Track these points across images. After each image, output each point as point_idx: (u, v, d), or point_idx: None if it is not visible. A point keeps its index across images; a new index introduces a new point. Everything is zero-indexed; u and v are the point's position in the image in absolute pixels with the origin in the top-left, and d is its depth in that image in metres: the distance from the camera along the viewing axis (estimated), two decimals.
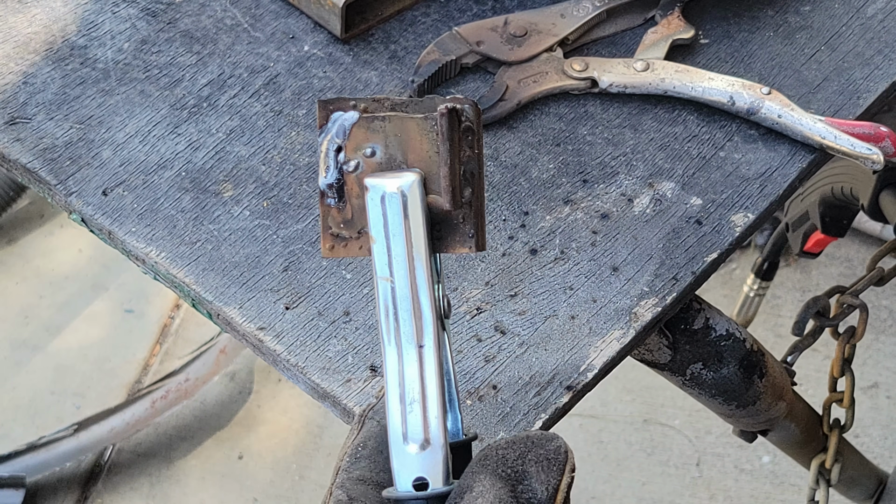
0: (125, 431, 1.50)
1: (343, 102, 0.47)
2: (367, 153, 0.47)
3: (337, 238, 0.48)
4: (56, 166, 0.70)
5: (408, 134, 0.47)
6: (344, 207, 0.48)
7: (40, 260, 1.70)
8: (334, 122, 0.47)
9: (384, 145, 0.47)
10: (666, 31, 0.76)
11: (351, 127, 0.47)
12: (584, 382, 0.64)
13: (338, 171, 0.47)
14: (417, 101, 0.47)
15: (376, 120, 0.47)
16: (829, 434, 0.97)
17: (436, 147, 0.46)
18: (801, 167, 0.73)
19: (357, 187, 0.47)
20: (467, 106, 0.47)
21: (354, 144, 0.47)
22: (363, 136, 0.47)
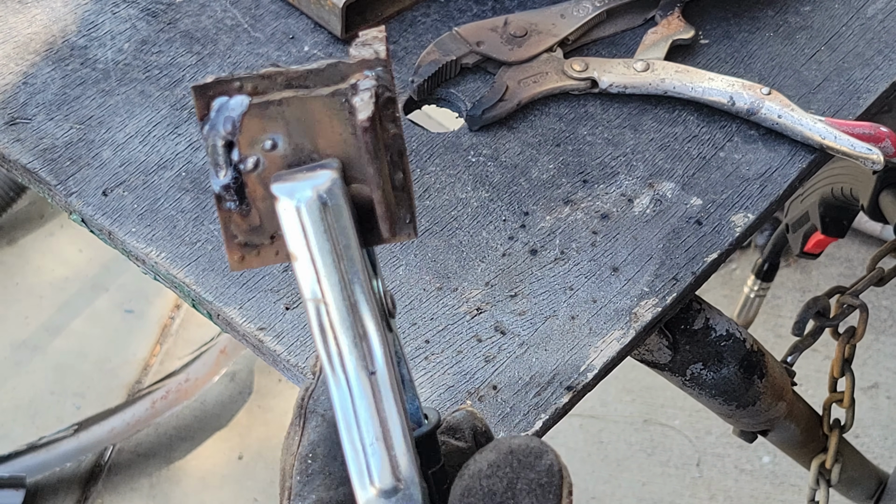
0: (125, 432, 1.49)
1: (225, 85, 0.39)
2: (266, 146, 0.39)
3: (246, 247, 0.40)
4: (56, 167, 0.70)
5: (313, 116, 0.39)
6: (248, 212, 0.40)
7: (40, 260, 1.70)
8: (218, 112, 0.39)
9: (286, 134, 0.39)
10: (666, 32, 0.76)
11: (241, 117, 0.39)
12: (584, 383, 0.64)
13: (233, 170, 0.39)
14: (318, 71, 0.39)
15: (271, 105, 0.38)
16: (829, 434, 0.96)
17: (351, 128, 0.38)
18: (801, 167, 0.73)
19: (261, 188, 0.39)
20: (380, 69, 0.39)
21: (249, 137, 0.39)
22: (258, 126, 0.39)
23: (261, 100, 0.38)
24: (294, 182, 0.37)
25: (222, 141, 0.39)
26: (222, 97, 0.39)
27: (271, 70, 0.39)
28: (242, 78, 0.39)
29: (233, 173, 0.39)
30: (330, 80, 0.39)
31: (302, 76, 0.39)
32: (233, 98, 0.39)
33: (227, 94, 0.39)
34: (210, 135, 0.39)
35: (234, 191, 0.39)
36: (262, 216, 0.39)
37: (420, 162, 0.72)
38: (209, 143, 0.39)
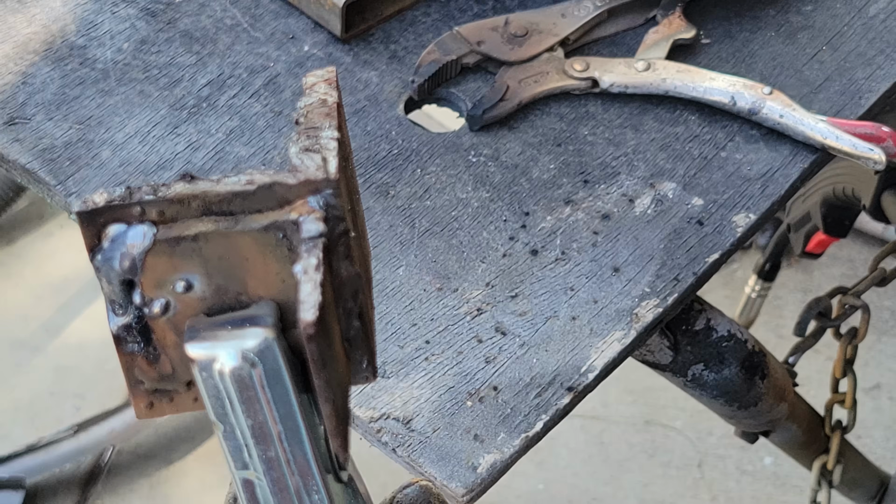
0: (125, 433, 1.49)
1: (120, 211, 0.31)
2: (178, 288, 0.31)
3: (156, 393, 0.33)
4: (55, 167, 0.70)
5: (240, 253, 0.31)
6: (157, 358, 0.33)
7: (39, 261, 1.69)
8: (114, 245, 0.31)
9: (205, 275, 0.31)
10: (667, 31, 0.76)
11: (143, 255, 0.31)
12: (585, 383, 0.63)
13: (135, 311, 0.32)
14: (246, 195, 0.30)
15: (184, 241, 0.30)
16: (831, 435, 0.96)
17: (289, 267, 0.30)
18: (802, 167, 0.72)
19: (173, 334, 0.32)
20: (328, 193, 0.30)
21: (155, 278, 0.31)
22: (167, 265, 0.31)
23: (169, 234, 0.30)
24: (215, 342, 0.30)
25: (120, 279, 0.31)
26: (119, 224, 0.31)
27: (183, 191, 0.31)
28: (145, 202, 0.31)
29: (134, 315, 0.32)
30: (263, 205, 0.30)
31: (225, 200, 0.31)
32: (132, 228, 0.31)
33: (125, 220, 0.31)
34: (104, 268, 0.31)
35: (138, 332, 0.32)
36: (174, 364, 0.32)
37: (420, 162, 0.71)
38: (102, 277, 0.31)
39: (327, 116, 0.32)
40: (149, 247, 0.31)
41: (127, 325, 0.32)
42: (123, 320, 0.32)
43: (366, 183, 0.70)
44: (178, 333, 0.32)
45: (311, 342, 0.28)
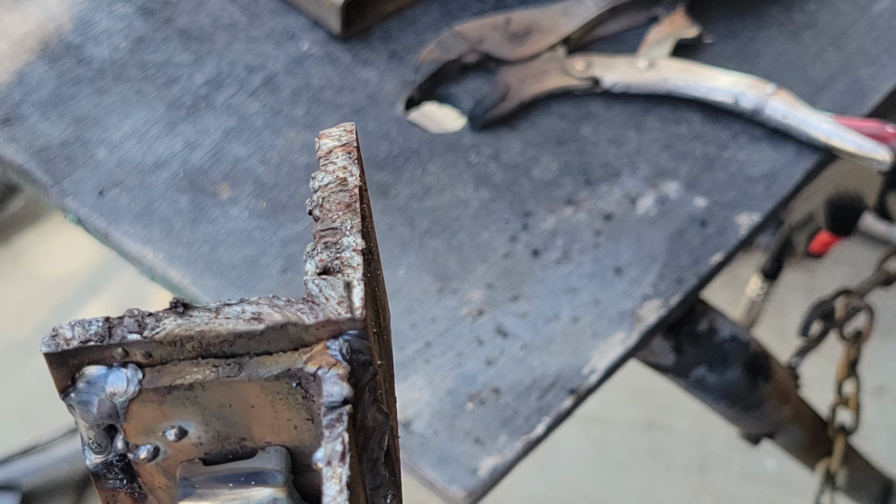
0: None
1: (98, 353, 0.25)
2: (170, 436, 0.27)
3: None
4: (51, 167, 0.69)
5: (245, 401, 0.26)
6: (144, 498, 0.28)
7: (35, 261, 1.69)
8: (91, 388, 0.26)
9: (202, 421, 0.26)
10: (670, 29, 0.75)
11: (126, 404, 0.26)
12: (586, 385, 0.63)
13: (116, 454, 0.28)
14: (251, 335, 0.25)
15: (177, 390, 0.26)
16: (834, 438, 0.95)
17: (304, 412, 0.26)
18: (806, 167, 0.72)
19: (162, 477, 0.28)
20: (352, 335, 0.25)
21: (142, 426, 0.27)
22: (155, 413, 0.26)
23: (158, 383, 0.25)
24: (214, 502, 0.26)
25: (97, 423, 0.26)
26: (97, 365, 0.26)
27: (176, 331, 0.25)
28: (128, 343, 0.25)
29: (116, 454, 0.27)
30: (273, 346, 0.25)
31: (225, 341, 0.25)
32: (113, 371, 0.26)
33: (103, 362, 0.26)
34: (78, 409, 0.26)
35: (120, 469, 0.28)
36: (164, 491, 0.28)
37: (420, 162, 0.71)
38: (76, 419, 0.26)
39: (348, 209, 0.26)
40: (133, 395, 0.26)
41: (108, 462, 0.27)
42: (101, 459, 0.27)
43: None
44: (168, 477, 0.27)
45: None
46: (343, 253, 0.26)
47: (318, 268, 0.26)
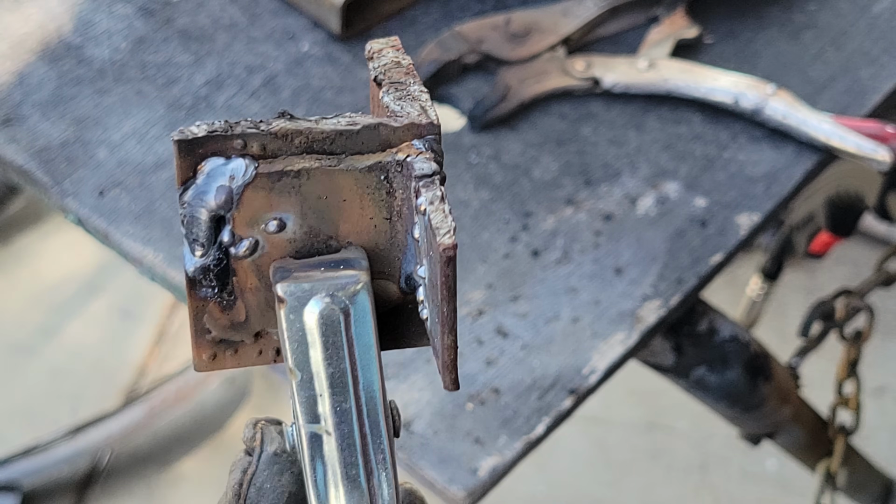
0: (122, 436, 1.49)
1: (222, 142, 0.29)
2: (270, 228, 0.30)
3: (221, 344, 0.32)
4: (52, 167, 0.69)
5: (339, 194, 0.30)
6: (232, 304, 0.31)
7: (36, 262, 1.69)
8: (210, 179, 0.30)
9: (300, 214, 0.30)
10: (670, 30, 0.75)
11: (242, 189, 0.30)
12: (586, 386, 0.63)
13: (218, 251, 0.30)
14: (349, 134, 0.30)
15: (286, 176, 0.29)
16: (835, 438, 0.96)
17: (385, 211, 0.30)
18: (806, 168, 0.72)
19: (255, 277, 0.31)
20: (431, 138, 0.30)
21: (249, 215, 0.30)
22: (264, 201, 0.30)
23: (272, 168, 0.29)
24: (308, 282, 0.29)
25: (209, 214, 0.30)
26: (216, 158, 0.29)
27: (287, 127, 0.29)
28: (247, 135, 0.29)
29: (216, 254, 0.30)
30: (365, 147, 0.30)
31: (330, 139, 0.30)
32: (232, 161, 0.29)
33: (224, 153, 0.29)
34: (193, 203, 0.30)
35: (215, 275, 0.31)
36: (249, 310, 0.31)
37: None
38: (189, 215, 0.30)
39: (408, 75, 0.31)
40: (250, 180, 0.29)
41: (205, 266, 0.31)
42: (202, 262, 0.31)
43: None
44: (259, 277, 0.31)
45: (449, 265, 0.28)
46: (412, 92, 0.31)
47: (394, 98, 0.31)
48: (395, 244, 0.31)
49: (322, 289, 0.29)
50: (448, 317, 0.29)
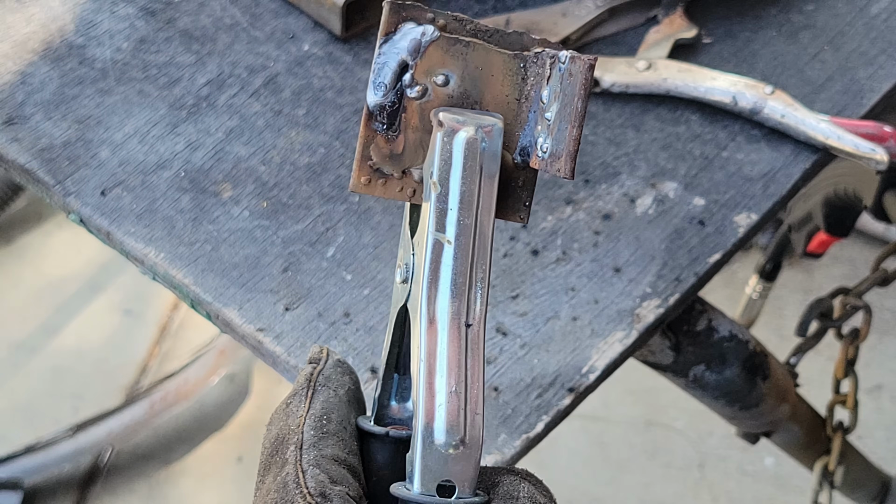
0: (124, 433, 1.49)
1: (420, 12, 0.39)
2: (438, 81, 0.40)
3: (376, 172, 0.40)
4: (54, 166, 0.70)
5: (490, 69, 0.40)
6: (395, 138, 0.40)
7: (38, 261, 1.69)
8: (405, 35, 0.39)
9: (461, 76, 0.40)
10: (668, 31, 0.76)
11: (428, 44, 0.40)
12: (585, 384, 0.63)
13: (396, 93, 0.40)
14: (504, 34, 0.40)
15: (459, 43, 0.40)
16: (832, 436, 0.96)
17: (517, 93, 0.40)
18: (804, 167, 0.72)
19: (417, 118, 0.40)
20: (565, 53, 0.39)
21: (427, 66, 0.40)
22: (439, 58, 0.40)
23: (450, 35, 0.40)
24: (461, 115, 0.39)
25: (399, 60, 0.40)
26: (411, 23, 0.40)
27: (461, 15, 0.40)
28: (437, 12, 0.40)
29: (394, 97, 0.40)
30: (513, 45, 0.40)
31: (489, 32, 0.40)
32: (423, 25, 0.39)
33: (418, 20, 0.40)
34: (388, 52, 0.39)
35: (389, 114, 0.40)
36: (406, 146, 0.40)
37: None
38: (381, 61, 0.40)
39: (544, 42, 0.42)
40: (434, 39, 0.40)
41: (382, 105, 0.40)
42: (381, 100, 0.40)
43: None
44: (421, 119, 0.40)
45: (591, 70, 0.38)
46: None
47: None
48: (519, 121, 0.40)
49: (471, 122, 0.38)
50: (581, 112, 0.39)
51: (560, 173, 0.40)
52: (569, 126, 0.39)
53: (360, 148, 0.40)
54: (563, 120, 0.39)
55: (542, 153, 0.40)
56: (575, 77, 0.39)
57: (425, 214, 0.38)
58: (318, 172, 0.70)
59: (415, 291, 0.39)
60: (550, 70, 0.40)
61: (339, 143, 0.72)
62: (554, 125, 0.40)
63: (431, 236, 0.38)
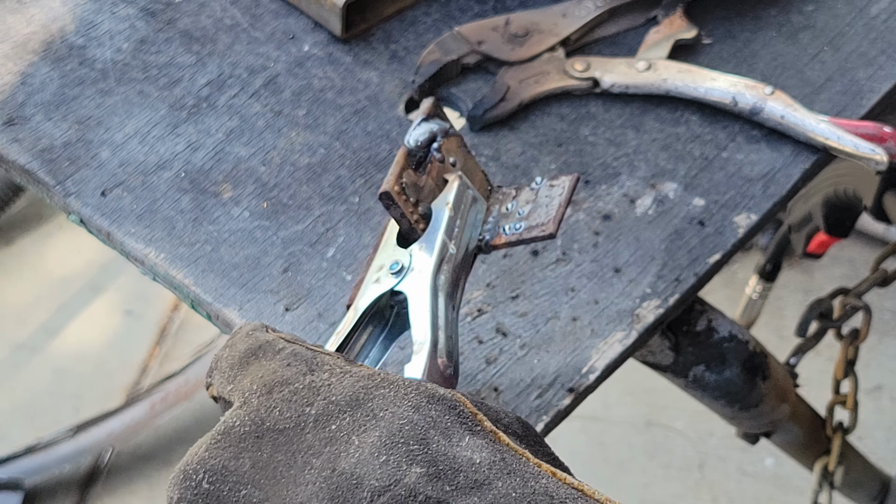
0: (124, 434, 1.49)
1: (444, 114, 0.57)
2: (451, 160, 0.57)
3: (403, 190, 0.54)
4: (54, 167, 0.70)
5: (475, 169, 0.59)
6: (419, 177, 0.55)
7: (39, 261, 1.69)
8: (438, 123, 0.56)
9: (461, 166, 0.57)
10: (668, 31, 0.76)
11: (449, 135, 0.57)
12: (585, 384, 0.63)
13: (426, 150, 0.56)
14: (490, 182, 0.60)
15: (464, 147, 0.58)
16: (832, 436, 0.96)
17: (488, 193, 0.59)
18: (804, 168, 0.72)
19: (436, 173, 0.56)
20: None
21: (446, 148, 0.57)
22: (453, 148, 0.57)
23: (459, 136, 0.58)
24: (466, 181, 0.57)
25: (431, 133, 0.56)
26: (439, 120, 0.57)
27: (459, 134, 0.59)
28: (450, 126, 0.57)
29: (423, 152, 0.56)
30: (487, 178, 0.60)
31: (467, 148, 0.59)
32: (448, 123, 0.57)
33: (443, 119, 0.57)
34: (424, 125, 0.56)
35: (418, 160, 0.56)
36: (425, 186, 0.55)
37: None
38: (424, 128, 0.56)
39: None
40: (454, 133, 0.57)
41: (415, 153, 0.56)
42: (414, 149, 0.56)
43: (366, 183, 0.70)
44: (438, 175, 0.56)
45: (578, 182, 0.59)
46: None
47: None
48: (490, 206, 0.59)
49: (465, 183, 0.57)
50: (569, 198, 0.57)
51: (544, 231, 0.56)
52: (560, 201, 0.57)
53: (398, 167, 0.54)
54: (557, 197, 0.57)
55: (515, 230, 0.57)
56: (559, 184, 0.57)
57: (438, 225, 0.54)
58: (319, 173, 0.70)
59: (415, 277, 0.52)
60: (517, 192, 0.58)
61: (340, 143, 0.72)
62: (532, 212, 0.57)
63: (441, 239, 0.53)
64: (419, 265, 0.52)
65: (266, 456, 0.42)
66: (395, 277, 0.52)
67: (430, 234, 0.53)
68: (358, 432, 0.41)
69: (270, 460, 0.42)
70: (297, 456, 0.41)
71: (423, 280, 0.51)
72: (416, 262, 0.52)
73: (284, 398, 0.43)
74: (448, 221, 0.53)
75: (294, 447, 0.41)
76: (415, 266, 0.52)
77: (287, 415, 0.42)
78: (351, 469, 0.40)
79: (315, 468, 0.41)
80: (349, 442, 0.41)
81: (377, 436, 0.41)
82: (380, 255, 0.54)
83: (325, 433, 0.41)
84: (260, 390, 0.44)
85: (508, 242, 0.56)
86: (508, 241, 0.56)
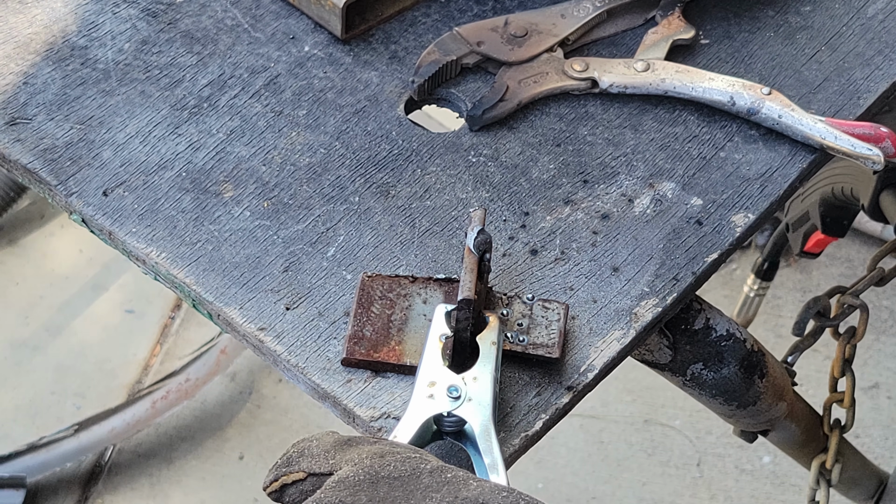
0: (126, 432, 1.49)
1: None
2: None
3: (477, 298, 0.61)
4: (56, 167, 0.70)
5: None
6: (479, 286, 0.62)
7: (41, 260, 1.70)
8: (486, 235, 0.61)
9: None
10: (666, 32, 0.76)
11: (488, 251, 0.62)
12: (584, 383, 0.64)
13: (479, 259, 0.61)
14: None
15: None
16: (829, 434, 0.96)
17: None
18: (801, 167, 0.73)
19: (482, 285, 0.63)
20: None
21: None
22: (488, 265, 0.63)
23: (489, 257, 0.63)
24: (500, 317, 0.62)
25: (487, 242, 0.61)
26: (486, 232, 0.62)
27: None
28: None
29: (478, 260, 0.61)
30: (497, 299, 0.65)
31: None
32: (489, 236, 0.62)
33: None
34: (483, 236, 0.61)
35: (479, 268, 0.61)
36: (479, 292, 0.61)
37: (420, 162, 0.72)
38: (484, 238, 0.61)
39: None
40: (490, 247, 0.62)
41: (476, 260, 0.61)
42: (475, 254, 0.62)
43: (366, 183, 0.71)
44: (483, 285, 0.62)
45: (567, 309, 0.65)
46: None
47: None
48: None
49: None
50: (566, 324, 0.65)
51: (550, 354, 0.62)
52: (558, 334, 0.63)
53: (473, 275, 0.60)
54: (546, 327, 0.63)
55: (520, 342, 0.62)
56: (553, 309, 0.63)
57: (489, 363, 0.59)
58: (319, 173, 0.71)
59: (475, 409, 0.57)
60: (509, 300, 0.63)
61: (340, 143, 0.72)
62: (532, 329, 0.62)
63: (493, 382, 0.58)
64: (477, 397, 0.57)
65: (383, 494, 0.43)
66: (454, 402, 0.57)
67: (482, 367, 0.58)
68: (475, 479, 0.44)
69: (388, 496, 0.43)
70: (416, 493, 0.43)
71: (485, 413, 0.57)
72: (474, 393, 0.57)
73: (398, 460, 0.45)
74: (496, 363, 0.58)
75: (411, 488, 0.44)
76: (472, 396, 0.57)
77: (402, 468, 0.45)
78: (474, 497, 0.42)
79: (436, 500, 0.43)
80: (467, 481, 0.44)
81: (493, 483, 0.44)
82: (427, 369, 0.58)
83: (442, 478, 0.44)
84: (371, 456, 0.46)
85: (514, 352, 0.62)
86: (513, 349, 0.62)
